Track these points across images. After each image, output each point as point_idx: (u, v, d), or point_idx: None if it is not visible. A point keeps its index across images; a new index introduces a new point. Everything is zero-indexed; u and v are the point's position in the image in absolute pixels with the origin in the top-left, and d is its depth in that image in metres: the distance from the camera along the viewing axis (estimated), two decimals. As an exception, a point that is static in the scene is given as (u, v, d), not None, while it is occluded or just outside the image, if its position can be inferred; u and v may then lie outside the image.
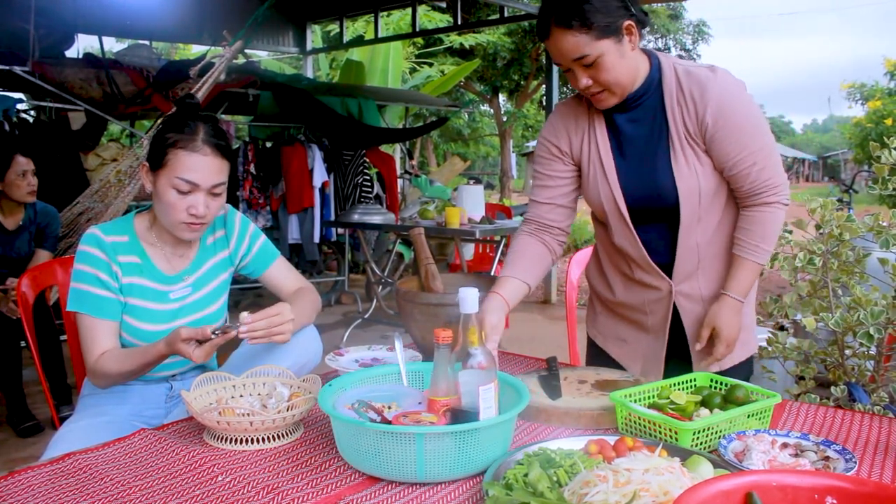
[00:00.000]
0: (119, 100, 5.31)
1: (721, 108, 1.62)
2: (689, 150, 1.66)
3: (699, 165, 1.67)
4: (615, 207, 1.73)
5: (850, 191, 7.56)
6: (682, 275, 1.75)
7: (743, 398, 1.43)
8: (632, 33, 1.60)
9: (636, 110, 1.70)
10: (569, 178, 1.81)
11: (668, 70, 1.68)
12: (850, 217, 2.16)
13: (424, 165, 16.74)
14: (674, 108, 1.66)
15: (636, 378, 1.65)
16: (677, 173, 1.66)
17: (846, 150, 29.69)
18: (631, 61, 1.63)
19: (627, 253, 1.77)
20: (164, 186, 1.62)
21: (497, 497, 1.06)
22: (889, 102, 11.47)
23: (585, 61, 1.58)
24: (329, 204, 6.55)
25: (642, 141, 1.70)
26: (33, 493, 1.19)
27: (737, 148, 1.63)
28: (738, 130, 1.63)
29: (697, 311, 1.77)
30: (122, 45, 11.22)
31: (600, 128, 1.74)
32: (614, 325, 1.91)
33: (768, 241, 1.69)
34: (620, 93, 1.65)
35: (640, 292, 1.81)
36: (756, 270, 1.71)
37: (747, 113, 1.64)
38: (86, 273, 1.65)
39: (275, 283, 1.88)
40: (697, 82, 1.64)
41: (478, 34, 12.59)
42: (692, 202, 1.68)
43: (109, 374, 1.63)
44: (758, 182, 1.66)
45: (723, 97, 1.62)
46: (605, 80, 1.61)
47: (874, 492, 0.88)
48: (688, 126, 1.65)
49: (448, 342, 1.29)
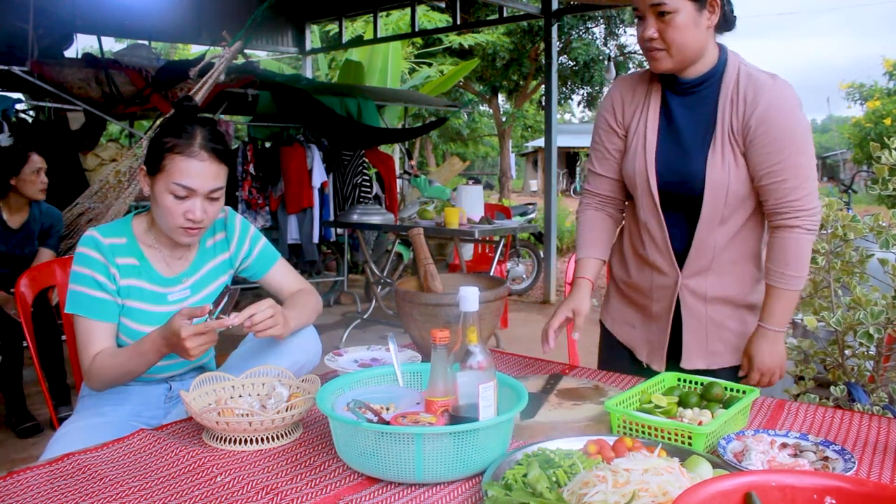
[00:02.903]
0: (118, 100, 5.30)
1: (768, 114, 1.62)
2: (728, 147, 1.67)
3: (734, 165, 1.67)
4: (646, 183, 1.75)
5: (850, 191, 7.57)
6: (693, 269, 1.76)
7: (721, 395, 1.46)
8: (714, 11, 1.63)
9: (691, 97, 1.72)
10: (623, 151, 1.84)
11: (731, 67, 1.69)
12: (855, 217, 2.16)
13: (423, 165, 16.74)
14: (726, 104, 1.67)
15: (595, 384, 1.65)
16: (710, 166, 1.67)
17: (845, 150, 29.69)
18: (702, 35, 1.64)
19: (649, 230, 1.79)
20: (161, 191, 1.62)
21: (496, 497, 1.06)
22: (888, 102, 11.49)
23: (661, 8, 1.60)
24: (328, 204, 6.55)
25: (689, 128, 1.72)
26: (32, 494, 1.19)
27: (772, 158, 1.63)
28: (778, 140, 1.62)
29: (699, 310, 1.78)
30: (121, 45, 11.22)
31: (654, 106, 1.77)
32: (624, 310, 1.94)
33: (792, 267, 1.67)
34: (679, 60, 1.66)
35: (651, 275, 1.83)
36: (786, 297, 1.69)
37: (792, 127, 1.63)
38: (83, 275, 1.65)
39: (276, 285, 1.87)
40: (755, 84, 1.65)
41: (477, 34, 12.59)
42: (717, 198, 1.68)
43: (105, 372, 1.62)
44: (784, 200, 1.65)
45: (773, 104, 1.62)
46: (671, 38, 1.62)
47: (873, 492, 0.88)
48: (733, 124, 1.66)
49: (445, 342, 1.29)
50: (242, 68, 6.42)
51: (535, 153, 28.34)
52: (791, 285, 1.68)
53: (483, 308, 1.58)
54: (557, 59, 6.44)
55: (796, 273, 1.67)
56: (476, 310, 1.29)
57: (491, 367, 1.27)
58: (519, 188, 26.12)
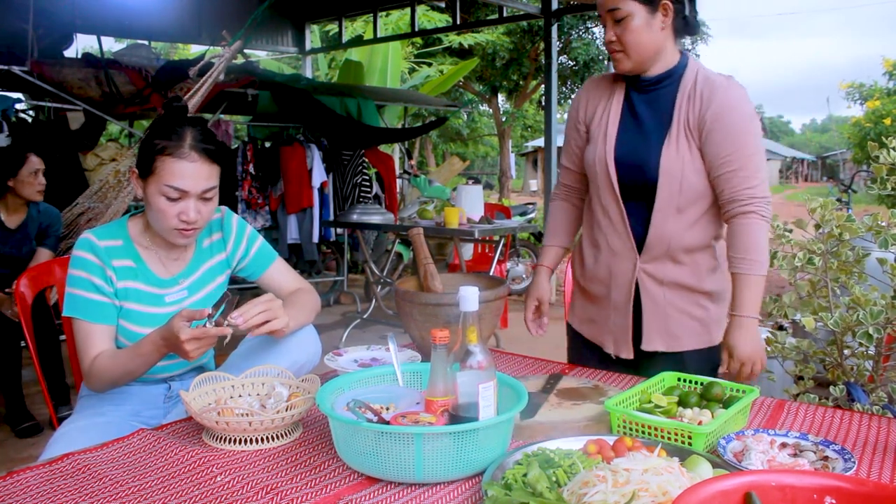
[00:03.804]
0: (118, 100, 5.30)
1: (722, 110, 1.73)
2: (683, 139, 1.77)
3: (688, 155, 1.76)
4: (605, 170, 1.84)
5: (849, 190, 7.58)
6: (650, 255, 1.83)
7: (721, 395, 1.46)
8: (667, 14, 1.75)
9: (652, 94, 1.83)
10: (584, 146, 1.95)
11: (690, 70, 1.81)
12: (850, 217, 2.16)
13: (423, 165, 16.74)
14: (683, 100, 1.78)
15: (595, 384, 1.65)
16: (665, 155, 1.77)
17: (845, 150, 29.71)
18: (656, 37, 1.76)
19: (609, 215, 1.87)
20: (153, 194, 1.62)
21: (496, 497, 1.06)
22: (888, 102, 11.48)
23: (616, 15, 1.74)
24: (328, 204, 6.55)
25: (648, 121, 1.82)
26: (32, 494, 1.19)
27: (727, 149, 1.73)
28: (732, 133, 1.73)
29: (657, 294, 1.84)
30: (121, 44, 11.22)
31: (617, 101, 1.88)
32: (587, 307, 2.01)
33: (753, 252, 1.73)
34: (637, 60, 1.78)
35: (609, 262, 1.89)
36: (753, 283, 1.74)
37: (745, 122, 1.75)
38: (80, 278, 1.64)
39: (274, 284, 1.87)
40: (711, 84, 1.76)
41: (477, 34, 12.58)
42: (671, 185, 1.77)
43: (105, 374, 1.61)
44: (739, 188, 1.74)
45: (727, 101, 1.74)
46: (627, 40, 1.75)
47: (873, 492, 0.88)
48: (689, 119, 1.77)
49: (445, 342, 1.29)
50: (242, 68, 6.42)
51: (535, 153, 28.37)
52: (755, 270, 1.74)
53: (483, 308, 1.58)
54: (557, 59, 6.44)
55: (758, 258, 1.73)
56: (476, 310, 1.29)
57: (491, 367, 1.27)
58: (519, 188, 26.12)
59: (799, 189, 33.50)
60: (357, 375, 1.50)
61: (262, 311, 1.54)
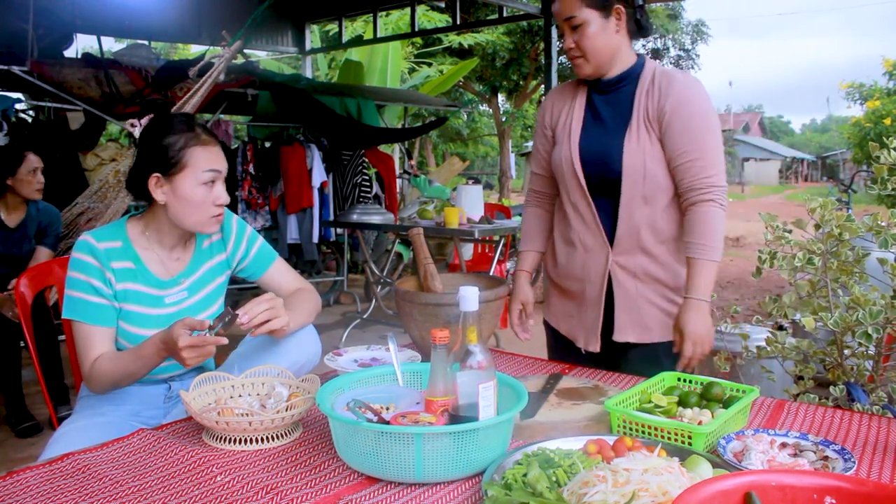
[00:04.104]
0: (118, 100, 5.29)
1: (680, 101, 1.81)
2: (643, 131, 1.84)
3: (649, 145, 1.83)
4: (572, 168, 1.91)
5: (849, 190, 7.57)
6: (622, 247, 1.89)
7: (721, 395, 1.47)
8: (620, 18, 1.83)
9: (613, 94, 1.91)
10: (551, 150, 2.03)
11: (648, 68, 1.90)
12: (850, 217, 2.16)
13: (423, 165, 16.73)
14: (642, 95, 1.86)
15: (595, 384, 1.65)
16: (626, 147, 1.84)
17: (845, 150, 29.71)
18: (612, 41, 1.85)
19: (579, 212, 1.93)
20: (190, 187, 1.64)
21: (496, 497, 1.06)
22: (888, 102, 11.47)
23: (572, 23, 1.83)
24: (328, 204, 6.55)
25: (609, 118, 1.90)
26: (32, 494, 1.19)
27: (686, 140, 1.80)
28: (690, 124, 1.80)
29: (629, 285, 1.90)
30: (121, 45, 11.21)
31: (580, 104, 1.96)
32: (562, 303, 2.06)
33: (709, 238, 1.79)
34: (595, 64, 1.86)
35: (582, 258, 1.95)
36: (707, 268, 1.80)
37: (703, 113, 1.82)
38: (79, 280, 1.64)
39: (274, 284, 1.87)
40: (668, 78, 1.85)
41: (477, 34, 12.59)
42: (635, 175, 1.83)
43: (105, 376, 1.61)
44: (698, 177, 1.80)
45: (685, 93, 1.82)
46: (584, 46, 1.84)
47: (873, 492, 0.88)
48: (649, 111, 1.84)
49: (445, 342, 1.29)
50: (242, 68, 6.41)
51: (535, 153, 28.30)
52: (710, 255, 1.80)
53: (483, 308, 1.58)
54: (557, 59, 6.43)
55: (714, 244, 1.80)
56: (476, 310, 1.29)
57: (491, 367, 1.27)
58: (519, 188, 26.07)
59: (799, 189, 33.49)
60: (357, 375, 1.50)
61: (266, 309, 1.54)
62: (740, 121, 51.78)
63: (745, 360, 2.50)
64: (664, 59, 15.52)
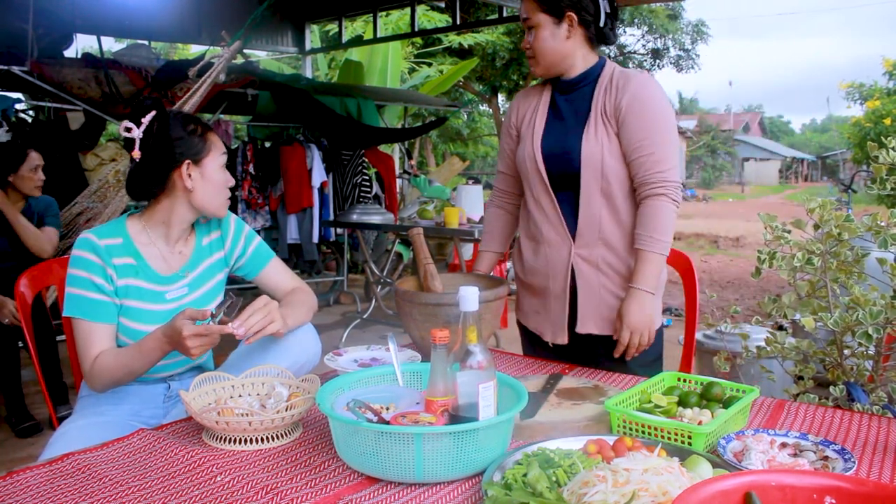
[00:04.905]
0: (118, 100, 5.29)
1: (636, 97, 1.85)
2: (601, 126, 1.88)
3: (606, 139, 1.87)
4: (534, 163, 1.96)
5: (849, 190, 7.58)
6: (583, 240, 1.93)
7: (721, 394, 1.47)
8: (572, 25, 1.89)
9: (573, 94, 1.98)
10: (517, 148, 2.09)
11: (608, 69, 1.96)
12: (849, 217, 2.16)
13: (423, 165, 16.72)
14: (600, 92, 1.92)
15: (595, 384, 1.66)
16: (585, 143, 1.89)
17: (845, 150, 29.71)
18: (562, 46, 1.91)
19: (542, 207, 1.98)
20: (214, 170, 1.73)
21: (496, 497, 1.06)
22: (888, 102, 11.46)
23: (528, 24, 1.93)
24: (328, 204, 6.55)
25: (570, 116, 1.96)
26: (32, 494, 1.19)
27: (641, 134, 1.84)
28: (644, 120, 1.84)
29: (591, 278, 1.93)
30: (121, 45, 11.21)
31: (544, 103, 2.03)
32: (531, 301, 2.10)
33: (660, 232, 1.83)
34: (544, 65, 1.95)
35: (546, 253, 1.99)
36: (654, 260, 1.84)
37: (658, 109, 1.87)
38: (80, 277, 1.65)
39: (270, 284, 1.88)
40: (626, 76, 1.90)
41: (476, 34, 12.57)
42: (593, 170, 1.88)
43: (107, 373, 1.62)
44: (652, 171, 1.84)
45: (641, 89, 1.86)
46: (535, 47, 1.93)
47: (873, 492, 0.88)
48: (606, 107, 1.89)
49: (445, 342, 1.29)
50: (242, 68, 6.42)
51: (535, 153, 28.33)
52: (658, 248, 1.84)
53: (483, 308, 1.58)
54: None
55: (662, 238, 1.84)
56: (476, 310, 1.29)
57: (491, 367, 1.27)
58: (518, 188, 26.02)
59: (798, 189, 33.50)
60: (357, 375, 1.50)
61: (260, 318, 1.55)
62: (740, 121, 51.77)
63: (745, 360, 2.50)
64: (664, 59, 15.51)
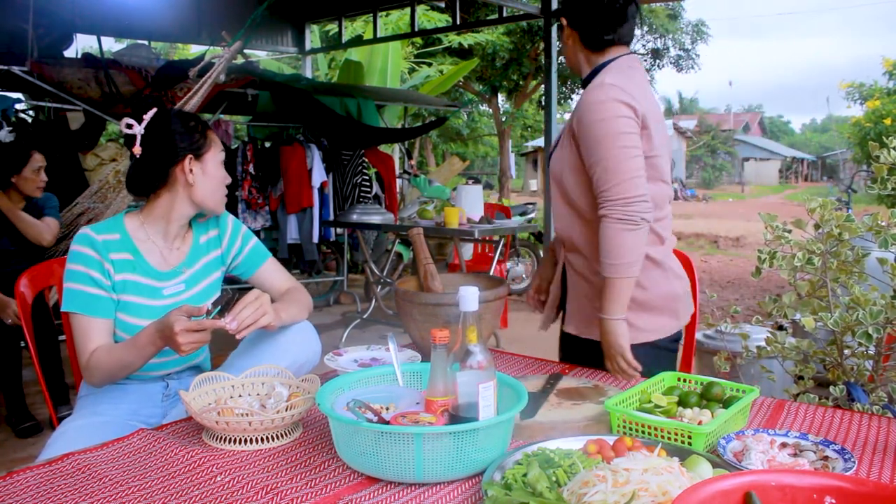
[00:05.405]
0: (118, 100, 5.29)
1: (581, 114, 1.83)
2: (566, 142, 1.91)
3: (568, 156, 1.89)
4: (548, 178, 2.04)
5: (849, 190, 7.59)
6: (567, 246, 1.99)
7: (721, 394, 1.47)
8: (567, 29, 1.95)
9: None
10: None
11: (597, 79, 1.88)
12: (850, 217, 2.16)
13: (423, 165, 16.73)
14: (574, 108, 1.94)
15: (594, 384, 1.66)
16: (553, 157, 1.97)
17: (845, 150, 29.71)
18: (568, 50, 1.98)
19: None
20: (214, 164, 1.75)
21: (496, 497, 1.06)
22: (888, 102, 11.46)
23: None
24: (328, 204, 6.55)
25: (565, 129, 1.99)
26: (32, 494, 1.19)
27: (586, 153, 1.82)
28: (586, 139, 1.81)
29: (574, 281, 1.98)
30: (121, 45, 11.21)
31: None
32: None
33: (606, 254, 1.77)
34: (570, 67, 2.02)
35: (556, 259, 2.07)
36: (611, 285, 1.79)
37: (595, 127, 1.78)
38: (78, 272, 1.65)
39: (265, 284, 1.89)
40: (583, 94, 1.88)
41: (476, 34, 12.57)
42: (555, 183, 1.96)
43: (103, 367, 1.62)
44: (598, 192, 1.80)
45: (584, 108, 1.82)
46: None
47: (873, 491, 0.88)
48: (573, 123, 1.89)
49: (445, 342, 1.29)
50: (242, 68, 6.41)
51: (535, 153, 28.35)
52: (609, 272, 1.78)
53: (483, 308, 1.58)
54: (557, 59, 6.44)
55: (609, 260, 1.77)
56: (476, 310, 1.29)
57: (491, 367, 1.27)
58: (519, 188, 26.11)
59: (799, 189, 33.49)
60: (357, 375, 1.50)
61: (252, 311, 1.55)
62: (740, 121, 51.76)
63: (745, 360, 2.50)
64: (664, 59, 15.51)
